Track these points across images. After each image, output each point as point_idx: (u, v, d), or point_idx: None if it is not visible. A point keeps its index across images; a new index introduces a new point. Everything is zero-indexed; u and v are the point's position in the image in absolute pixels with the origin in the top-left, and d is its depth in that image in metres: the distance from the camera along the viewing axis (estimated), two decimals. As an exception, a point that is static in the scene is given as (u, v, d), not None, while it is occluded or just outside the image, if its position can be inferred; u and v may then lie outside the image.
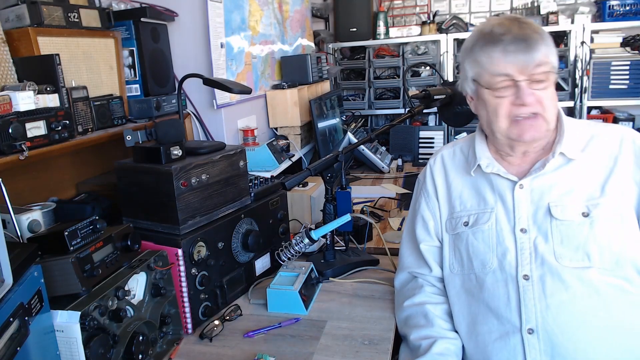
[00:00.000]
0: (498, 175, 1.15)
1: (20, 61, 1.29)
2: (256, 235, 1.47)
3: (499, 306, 1.09)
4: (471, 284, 1.15)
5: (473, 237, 1.15)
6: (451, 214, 1.22)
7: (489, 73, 1.07)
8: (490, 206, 1.16)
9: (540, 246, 1.07)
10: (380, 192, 2.38)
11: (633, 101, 3.18)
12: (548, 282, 1.05)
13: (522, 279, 1.07)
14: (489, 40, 1.06)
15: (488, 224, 1.14)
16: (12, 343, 0.77)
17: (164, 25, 1.87)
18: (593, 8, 3.30)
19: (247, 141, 2.18)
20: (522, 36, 1.03)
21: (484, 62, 1.07)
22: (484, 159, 1.17)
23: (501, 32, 1.05)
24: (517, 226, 1.11)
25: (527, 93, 1.04)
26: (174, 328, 1.25)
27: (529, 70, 1.03)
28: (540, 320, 1.04)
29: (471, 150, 1.23)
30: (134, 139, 1.31)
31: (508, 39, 1.04)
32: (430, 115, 3.64)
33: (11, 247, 0.83)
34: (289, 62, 2.74)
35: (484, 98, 1.10)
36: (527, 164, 1.15)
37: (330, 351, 1.19)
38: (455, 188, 1.23)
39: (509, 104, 1.06)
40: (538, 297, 1.05)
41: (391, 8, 3.75)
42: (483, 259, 1.13)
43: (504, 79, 1.05)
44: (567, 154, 1.10)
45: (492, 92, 1.08)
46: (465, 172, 1.22)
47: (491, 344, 1.09)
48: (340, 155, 1.53)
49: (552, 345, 1.03)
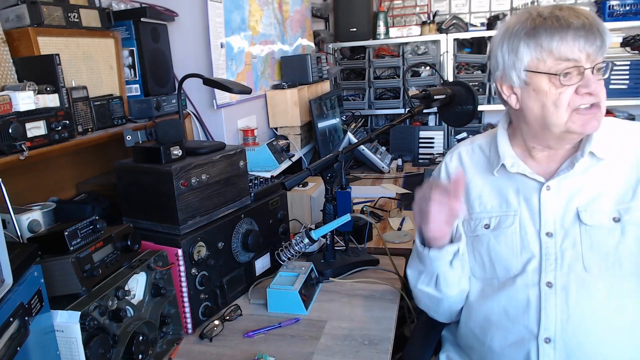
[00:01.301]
0: (523, 176, 1.10)
1: (20, 61, 1.29)
2: (256, 235, 1.47)
3: (517, 311, 1.05)
4: (492, 288, 1.11)
5: (495, 241, 1.11)
6: (470, 214, 1.16)
7: (555, 58, 0.98)
8: (514, 209, 1.10)
9: (568, 252, 1.02)
10: (380, 192, 2.38)
11: (633, 101, 3.18)
12: (572, 292, 1.00)
13: (544, 286, 1.03)
14: (556, 23, 0.97)
15: (512, 227, 1.09)
16: (12, 343, 0.77)
17: (164, 25, 1.87)
18: (593, 8, 3.30)
19: (247, 141, 2.18)
20: (589, 23, 0.96)
21: (553, 46, 0.97)
22: (509, 158, 1.11)
23: (566, 16, 0.97)
24: (542, 230, 1.06)
25: (594, 81, 0.97)
26: (174, 328, 1.25)
27: (594, 58, 0.98)
28: (559, 330, 1.00)
29: (493, 149, 1.16)
30: (134, 139, 1.31)
31: (578, 23, 0.96)
32: (430, 115, 3.63)
33: (11, 247, 0.83)
34: (289, 62, 2.74)
35: (540, 88, 1.01)
36: (555, 162, 1.09)
37: (330, 351, 1.19)
38: (474, 187, 1.17)
39: (573, 93, 0.99)
40: (560, 307, 1.01)
41: (391, 8, 3.75)
42: (507, 265, 1.09)
43: (571, 65, 0.97)
44: (596, 154, 1.04)
45: (556, 79, 0.98)
46: (486, 171, 1.16)
47: (505, 349, 1.07)
48: (340, 155, 1.52)
49: (567, 357, 1.00)
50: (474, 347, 1.16)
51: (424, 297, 1.21)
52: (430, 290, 1.17)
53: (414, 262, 1.20)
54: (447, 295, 1.15)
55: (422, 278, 1.17)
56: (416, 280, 1.19)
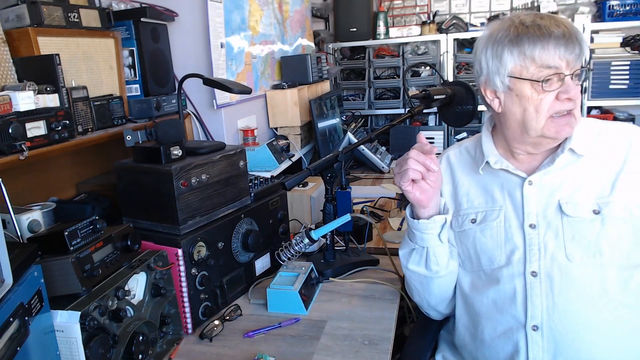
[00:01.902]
0: (507, 172, 1.14)
1: (20, 61, 1.29)
2: (256, 235, 1.47)
3: (505, 302, 1.09)
4: (479, 280, 1.15)
5: (481, 234, 1.15)
6: (457, 211, 1.21)
7: (538, 65, 1.03)
8: (499, 204, 1.15)
9: (550, 242, 1.07)
10: (380, 192, 2.38)
11: (633, 101, 3.18)
12: (556, 280, 1.04)
13: (529, 276, 1.07)
14: (538, 32, 1.02)
15: (497, 221, 1.14)
16: (12, 343, 0.77)
17: (164, 25, 1.87)
18: (593, 8, 3.30)
19: (247, 141, 2.18)
20: (569, 32, 1.01)
21: (536, 54, 1.02)
22: (492, 156, 1.16)
23: (547, 25, 1.02)
24: (525, 222, 1.10)
25: (573, 87, 1.02)
26: (174, 328, 1.25)
27: (574, 65, 1.03)
28: (545, 318, 1.04)
29: (478, 149, 1.22)
30: (134, 139, 1.31)
31: (559, 32, 1.01)
32: (430, 115, 3.64)
33: (11, 247, 0.83)
34: (289, 62, 2.74)
35: (523, 93, 1.06)
36: (536, 161, 1.14)
37: (330, 351, 1.19)
38: (461, 186, 1.22)
39: (553, 99, 1.04)
40: (545, 294, 1.04)
41: (391, 8, 3.75)
42: (491, 256, 1.13)
43: (552, 72, 1.02)
44: (576, 150, 1.09)
45: (538, 85, 1.03)
46: (472, 170, 1.22)
47: (495, 340, 1.10)
48: (340, 155, 1.52)
49: (555, 343, 1.03)
50: (467, 343, 1.19)
51: (415, 279, 1.24)
52: (421, 269, 1.20)
53: (405, 242, 1.24)
54: (437, 275, 1.19)
55: (413, 257, 1.21)
56: (407, 259, 1.23)
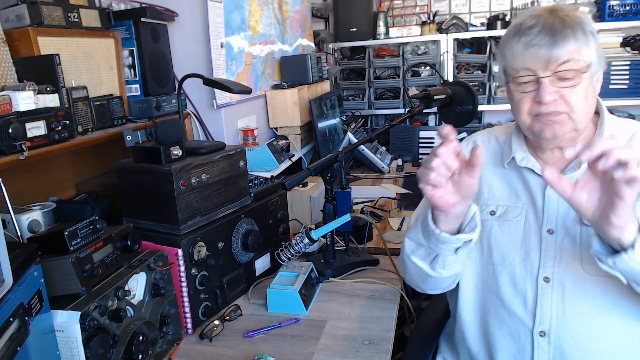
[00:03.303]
0: (531, 172, 1.11)
1: (20, 61, 1.29)
2: (256, 235, 1.47)
3: (514, 304, 1.07)
4: (487, 274, 1.12)
5: (498, 228, 1.12)
6: (477, 199, 1.13)
7: (512, 67, 1.03)
8: (523, 202, 1.11)
9: (567, 251, 1.04)
10: (380, 192, 2.38)
11: (633, 101, 3.18)
12: (569, 288, 1.02)
13: (542, 281, 1.04)
14: (516, 32, 1.01)
15: (517, 219, 1.10)
16: (12, 343, 0.77)
17: (164, 25, 1.87)
18: (593, 8, 3.30)
19: (247, 141, 2.18)
20: (549, 30, 0.97)
21: (508, 55, 1.03)
22: (519, 153, 1.13)
23: (531, 25, 0.99)
24: (544, 226, 1.07)
25: (548, 91, 0.98)
26: (174, 328, 1.25)
27: (554, 67, 0.97)
28: (554, 325, 1.02)
29: (507, 142, 1.18)
30: (134, 139, 1.31)
31: (535, 31, 0.98)
32: (430, 115, 3.63)
33: (11, 247, 0.83)
34: (289, 62, 2.74)
35: (510, 90, 1.07)
36: (563, 164, 1.09)
37: (330, 351, 1.19)
38: (485, 175, 1.17)
39: (531, 100, 1.02)
40: (556, 302, 1.02)
41: (391, 8, 3.75)
42: (504, 252, 1.10)
43: (527, 74, 1.01)
44: None
45: (516, 86, 1.04)
46: (498, 161, 1.18)
47: (500, 339, 1.08)
48: (340, 155, 1.52)
49: (561, 351, 1.01)
50: (468, 338, 1.16)
51: (413, 269, 1.13)
52: (425, 266, 1.09)
53: (415, 233, 1.09)
54: (440, 275, 1.09)
55: (420, 252, 1.09)
56: (412, 251, 1.11)
